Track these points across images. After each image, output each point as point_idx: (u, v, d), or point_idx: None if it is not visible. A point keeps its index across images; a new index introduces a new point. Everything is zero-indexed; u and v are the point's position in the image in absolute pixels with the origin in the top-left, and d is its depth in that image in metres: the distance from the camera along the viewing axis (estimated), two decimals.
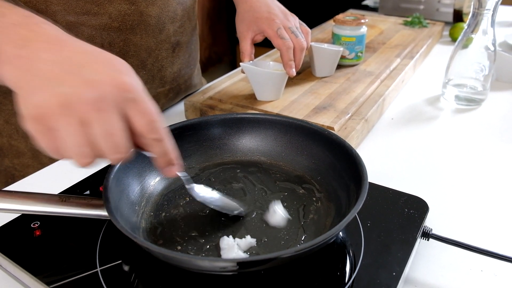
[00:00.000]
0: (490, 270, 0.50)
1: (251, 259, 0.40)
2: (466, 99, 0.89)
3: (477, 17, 0.83)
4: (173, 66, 0.84)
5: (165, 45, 0.80)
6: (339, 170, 0.54)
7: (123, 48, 0.73)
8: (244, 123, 0.62)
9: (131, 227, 0.47)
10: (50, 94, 0.37)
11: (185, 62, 0.87)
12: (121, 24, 0.71)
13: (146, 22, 0.74)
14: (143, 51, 0.76)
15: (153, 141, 0.42)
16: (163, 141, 0.42)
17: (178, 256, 0.42)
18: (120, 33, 0.72)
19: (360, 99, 0.81)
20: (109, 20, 0.69)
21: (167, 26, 0.78)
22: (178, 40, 0.82)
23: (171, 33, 0.80)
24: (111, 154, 0.39)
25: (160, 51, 0.79)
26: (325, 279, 0.45)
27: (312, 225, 0.51)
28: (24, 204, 0.45)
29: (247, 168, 0.60)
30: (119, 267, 0.47)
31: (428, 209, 0.54)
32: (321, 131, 0.58)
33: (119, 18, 0.70)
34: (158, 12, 0.75)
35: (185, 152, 0.60)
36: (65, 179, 0.65)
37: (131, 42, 0.74)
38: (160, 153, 0.43)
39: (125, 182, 0.51)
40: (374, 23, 1.32)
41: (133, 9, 0.71)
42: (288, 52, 0.77)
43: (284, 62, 0.78)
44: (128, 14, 0.71)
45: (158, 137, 0.42)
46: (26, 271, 0.46)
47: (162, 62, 0.81)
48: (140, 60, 0.77)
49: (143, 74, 0.78)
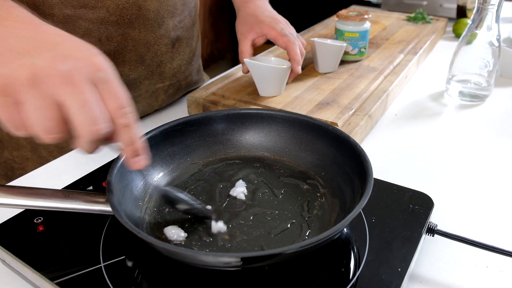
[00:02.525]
0: (495, 266, 0.50)
1: (255, 254, 0.40)
2: (470, 95, 0.89)
3: (482, 12, 0.82)
4: (173, 61, 0.83)
5: (165, 40, 0.78)
6: (343, 166, 0.54)
7: (121, 43, 0.72)
8: (248, 119, 0.62)
9: (134, 222, 0.47)
10: (19, 65, 0.36)
11: (185, 58, 0.86)
12: (119, 18, 0.70)
13: (144, 16, 0.72)
14: (142, 45, 0.75)
15: (121, 127, 0.41)
16: (131, 128, 0.41)
17: (182, 251, 0.42)
18: (118, 27, 0.70)
19: (364, 94, 0.80)
20: (107, 14, 0.68)
21: (166, 20, 0.77)
22: (178, 35, 0.81)
23: (170, 28, 0.78)
24: (87, 127, 0.38)
25: (159, 46, 0.78)
26: (330, 275, 0.45)
27: (317, 221, 0.50)
28: (27, 200, 0.45)
29: (250, 164, 0.60)
30: (123, 262, 0.46)
31: (433, 205, 0.54)
32: (325, 126, 0.57)
33: (117, 11, 0.69)
34: (157, 6, 0.73)
35: (188, 147, 0.60)
36: (68, 174, 0.64)
37: (129, 37, 0.72)
38: (127, 141, 0.42)
39: (128, 177, 0.51)
40: (377, 19, 1.31)
41: (131, 2, 0.70)
42: (295, 47, 0.78)
43: (292, 57, 0.78)
44: (126, 7, 0.69)
45: (127, 122, 0.41)
46: (29, 266, 0.46)
47: (161, 58, 0.80)
48: (139, 54, 0.75)
49: (142, 69, 0.77)
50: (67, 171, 0.67)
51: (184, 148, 0.59)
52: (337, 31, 0.97)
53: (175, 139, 0.59)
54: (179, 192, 0.50)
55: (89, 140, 0.39)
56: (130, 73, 0.76)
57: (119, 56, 0.73)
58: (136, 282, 0.45)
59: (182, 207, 0.50)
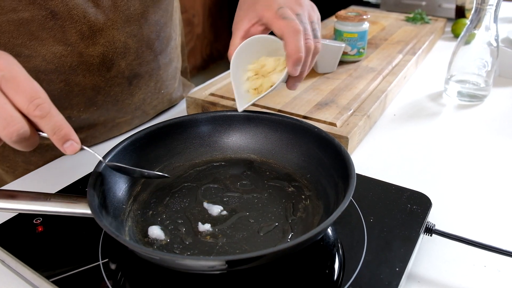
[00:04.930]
0: (493, 265, 0.50)
1: (239, 257, 0.39)
2: (469, 95, 0.89)
3: (480, 12, 0.83)
4: (133, 97, 0.75)
5: (118, 80, 0.71)
6: (328, 168, 0.54)
7: (64, 89, 0.66)
8: (234, 121, 0.62)
9: (116, 225, 0.47)
10: None
11: (150, 90, 0.77)
12: (57, 66, 0.64)
13: (88, 62, 0.66)
14: (89, 89, 0.68)
15: (38, 119, 0.41)
16: (49, 117, 0.41)
17: (163, 256, 0.41)
18: (59, 74, 0.64)
19: (362, 95, 0.80)
20: (44, 63, 0.63)
21: (117, 62, 0.69)
22: (135, 73, 0.73)
23: (123, 68, 0.70)
24: (2, 131, 0.38)
25: (112, 87, 0.70)
26: (328, 275, 0.45)
27: (300, 223, 0.50)
28: (6, 203, 0.45)
29: (237, 166, 0.60)
30: (122, 262, 0.46)
31: (431, 205, 0.54)
32: (310, 128, 0.57)
33: (54, 60, 0.63)
34: (101, 51, 0.66)
35: (174, 149, 0.60)
36: (66, 176, 0.64)
37: (73, 82, 0.66)
38: (50, 130, 0.42)
39: (112, 180, 0.51)
40: (376, 19, 1.31)
41: (70, 50, 0.63)
42: (296, 37, 0.54)
43: (287, 52, 0.55)
44: (65, 55, 0.63)
45: (41, 113, 0.41)
46: (29, 267, 0.46)
47: (116, 97, 0.72)
48: (87, 98, 0.69)
49: (94, 109, 0.70)
50: (66, 173, 0.67)
51: (169, 150, 0.59)
52: (336, 32, 0.97)
53: (160, 142, 0.59)
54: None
55: (13, 141, 0.40)
56: (80, 114, 0.70)
57: (65, 100, 0.67)
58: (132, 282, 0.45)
59: (136, 175, 0.52)
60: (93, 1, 0.63)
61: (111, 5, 0.65)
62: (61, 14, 0.60)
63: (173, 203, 0.54)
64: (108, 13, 0.64)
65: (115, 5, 0.65)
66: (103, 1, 0.63)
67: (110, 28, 0.65)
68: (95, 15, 0.63)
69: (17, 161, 0.71)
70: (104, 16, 0.64)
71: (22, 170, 0.69)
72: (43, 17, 0.60)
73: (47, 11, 0.59)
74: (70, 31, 0.62)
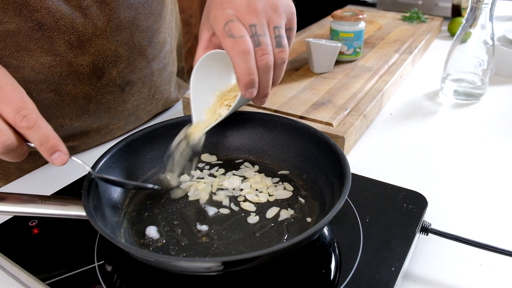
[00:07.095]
0: (489, 264, 0.50)
1: (235, 258, 0.39)
2: (465, 93, 0.89)
3: (476, 11, 0.83)
4: (126, 104, 0.74)
5: (109, 88, 0.70)
6: (324, 168, 0.54)
7: (54, 98, 0.65)
8: (230, 121, 0.62)
9: (112, 227, 0.46)
10: None
11: (144, 97, 0.77)
12: (47, 76, 0.63)
13: (77, 72, 0.65)
14: (81, 98, 0.67)
15: (25, 130, 0.41)
16: (36, 127, 0.41)
17: (158, 258, 0.41)
18: (48, 84, 0.63)
19: (359, 94, 0.80)
20: (33, 73, 0.62)
21: (107, 70, 0.68)
22: (127, 80, 0.72)
23: (114, 76, 0.69)
24: None
25: (104, 95, 0.70)
26: (324, 274, 0.45)
27: (296, 224, 0.50)
28: (1, 205, 0.45)
29: (233, 166, 0.60)
30: (117, 264, 0.46)
31: (427, 204, 0.54)
32: (306, 128, 0.57)
33: (43, 70, 0.62)
34: (91, 60, 0.65)
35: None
36: (61, 178, 0.64)
37: (64, 92, 0.65)
38: (37, 141, 0.42)
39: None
40: (372, 18, 1.31)
41: (59, 60, 0.62)
42: (244, 57, 0.48)
43: (237, 74, 0.49)
44: (54, 65, 0.62)
45: (28, 124, 0.41)
46: (25, 270, 0.45)
47: (108, 105, 0.71)
48: (79, 106, 0.68)
49: (86, 117, 0.70)
50: (63, 174, 0.67)
51: (165, 152, 0.59)
52: (332, 31, 0.97)
53: (156, 143, 0.58)
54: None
55: (0, 153, 0.41)
56: (72, 123, 0.69)
57: (56, 109, 0.66)
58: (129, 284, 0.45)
59: (128, 187, 0.53)
60: (80, 10, 0.61)
61: (99, 14, 0.63)
62: (48, 25, 0.60)
63: (169, 204, 0.53)
64: (97, 22, 0.63)
65: (103, 14, 0.64)
66: (91, 11, 0.62)
67: (99, 37, 0.64)
68: (84, 25, 0.62)
69: (10, 168, 0.71)
70: (92, 26, 0.63)
71: (16, 177, 0.69)
72: (29, 29, 0.59)
73: (34, 22, 0.59)
74: (58, 41, 0.61)
